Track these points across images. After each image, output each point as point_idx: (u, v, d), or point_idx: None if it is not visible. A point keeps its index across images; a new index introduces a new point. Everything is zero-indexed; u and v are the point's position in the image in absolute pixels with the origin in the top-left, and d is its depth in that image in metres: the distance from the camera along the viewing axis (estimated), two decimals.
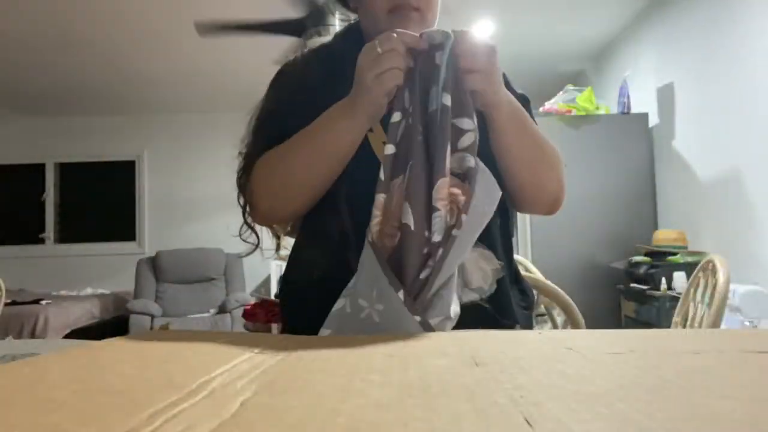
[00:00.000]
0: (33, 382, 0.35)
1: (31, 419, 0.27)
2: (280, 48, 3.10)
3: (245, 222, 0.82)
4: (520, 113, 0.75)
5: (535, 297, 0.94)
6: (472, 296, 0.69)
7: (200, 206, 5.32)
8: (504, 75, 0.77)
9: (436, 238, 0.61)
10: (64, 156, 5.44)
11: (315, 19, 2.69)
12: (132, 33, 3.56)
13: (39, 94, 4.72)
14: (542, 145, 0.78)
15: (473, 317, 0.70)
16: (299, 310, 0.79)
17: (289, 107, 0.77)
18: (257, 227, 0.84)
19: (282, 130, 0.76)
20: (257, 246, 0.85)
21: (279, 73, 0.86)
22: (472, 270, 0.69)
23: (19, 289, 4.75)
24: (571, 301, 1.22)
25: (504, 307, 0.76)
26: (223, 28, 2.81)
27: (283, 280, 0.85)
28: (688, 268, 2.44)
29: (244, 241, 0.84)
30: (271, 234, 0.89)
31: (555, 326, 1.28)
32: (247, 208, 0.81)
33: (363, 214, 0.69)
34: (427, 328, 0.60)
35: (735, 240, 2.59)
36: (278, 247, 0.90)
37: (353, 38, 0.86)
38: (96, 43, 3.70)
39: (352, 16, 0.93)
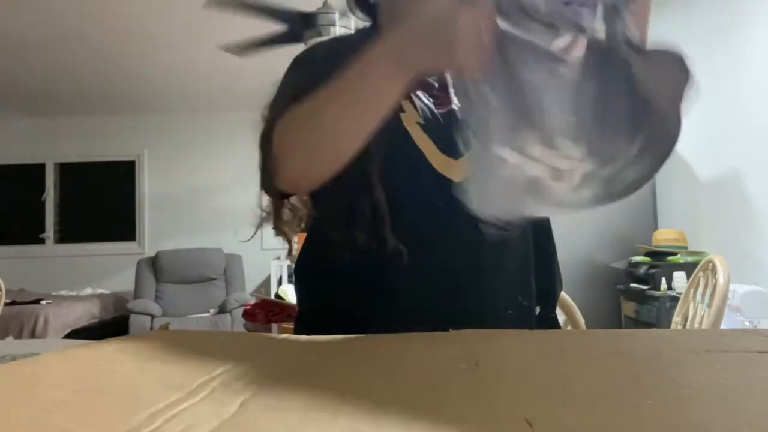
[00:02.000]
0: (33, 382, 0.35)
1: (31, 419, 0.27)
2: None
3: (263, 188, 0.74)
4: None
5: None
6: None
7: (200, 206, 5.32)
8: None
9: None
10: (64, 156, 5.44)
11: (309, 23, 2.69)
12: (132, 33, 3.56)
13: (39, 94, 4.73)
14: None
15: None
16: (329, 294, 0.75)
17: (320, 74, 0.68)
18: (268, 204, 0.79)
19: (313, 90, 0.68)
20: (269, 213, 0.80)
21: (296, 59, 0.82)
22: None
23: (19, 289, 4.75)
24: (571, 301, 1.22)
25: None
26: (250, 47, 2.86)
27: (304, 266, 0.79)
28: (688, 268, 2.44)
29: (264, 210, 0.79)
30: (283, 239, 0.86)
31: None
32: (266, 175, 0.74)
33: (396, 195, 0.67)
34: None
35: (735, 240, 2.59)
36: (290, 251, 0.87)
37: (373, 35, 0.85)
38: (96, 44, 3.70)
39: (360, 24, 0.91)
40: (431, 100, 0.75)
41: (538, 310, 0.75)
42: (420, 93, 0.76)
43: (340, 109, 0.66)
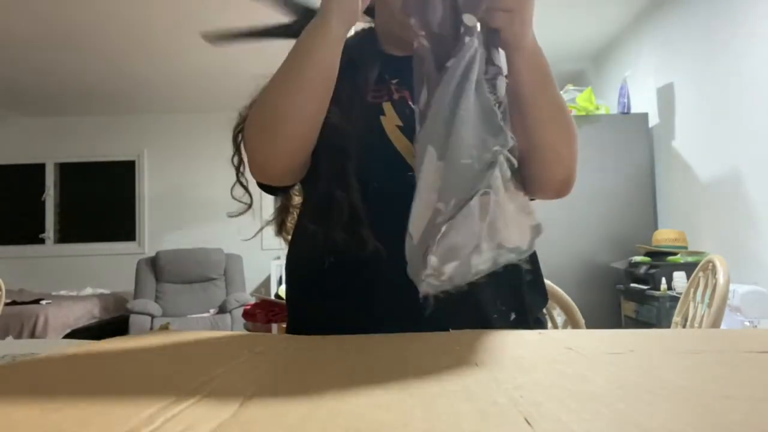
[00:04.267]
0: (33, 382, 0.35)
1: (31, 419, 0.27)
2: (279, 46, 3.08)
3: (238, 180, 0.81)
4: (543, 66, 0.69)
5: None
6: (509, 257, 0.61)
7: (200, 206, 5.32)
8: None
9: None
10: (64, 156, 5.44)
11: (311, 18, 2.70)
12: (132, 33, 3.57)
13: (39, 94, 4.73)
14: (562, 108, 0.72)
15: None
16: (311, 295, 0.77)
17: None
18: (253, 190, 0.82)
19: None
20: (250, 206, 0.83)
21: None
22: (509, 226, 0.59)
23: (19, 289, 4.74)
24: (571, 301, 1.22)
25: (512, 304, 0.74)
26: (230, 37, 2.84)
27: (290, 264, 0.81)
28: (688, 268, 2.44)
29: (237, 200, 0.82)
30: (282, 240, 0.88)
31: (555, 326, 1.28)
32: (241, 168, 0.79)
33: (373, 192, 0.68)
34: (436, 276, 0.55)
35: (735, 240, 2.59)
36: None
37: (368, 37, 0.86)
38: (96, 44, 3.70)
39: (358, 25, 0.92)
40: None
41: (513, 316, 0.75)
42: (406, 94, 0.76)
43: (285, 88, 0.68)
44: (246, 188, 0.82)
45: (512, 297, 0.74)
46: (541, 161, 0.72)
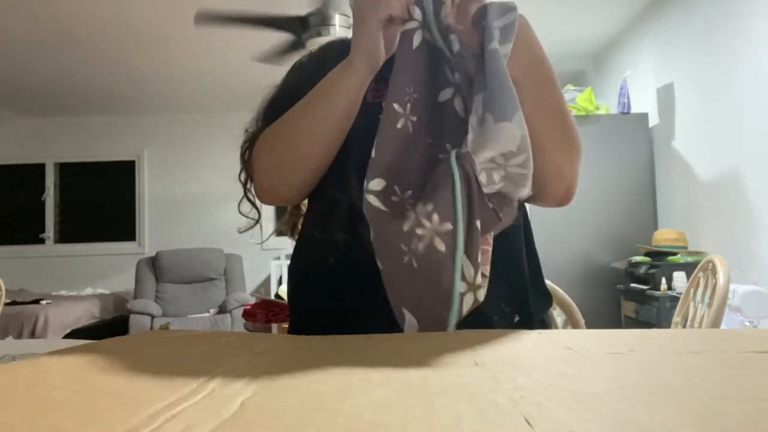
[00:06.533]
0: (33, 382, 0.35)
1: (31, 419, 0.27)
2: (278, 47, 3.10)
3: (246, 196, 0.81)
4: (542, 67, 0.67)
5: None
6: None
7: (200, 206, 5.33)
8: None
9: None
10: (64, 156, 5.44)
11: (305, 26, 2.70)
12: (132, 33, 3.56)
13: (39, 94, 4.72)
14: (565, 115, 0.70)
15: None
16: (313, 295, 0.76)
17: (302, 89, 0.74)
18: (259, 204, 0.83)
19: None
20: (257, 221, 0.83)
21: (295, 63, 0.86)
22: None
23: (19, 289, 4.75)
24: (571, 301, 1.22)
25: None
26: (222, 19, 2.82)
27: (292, 266, 0.81)
28: (688, 268, 2.44)
29: (245, 216, 0.82)
30: (290, 238, 0.89)
31: (555, 326, 1.28)
32: (248, 185, 0.80)
33: None
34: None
35: (735, 240, 2.59)
36: None
37: None
38: (96, 43, 3.70)
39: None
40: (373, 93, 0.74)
41: (517, 318, 0.74)
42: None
43: (305, 125, 0.70)
44: (254, 204, 0.82)
45: (516, 298, 0.74)
46: (546, 172, 0.68)
